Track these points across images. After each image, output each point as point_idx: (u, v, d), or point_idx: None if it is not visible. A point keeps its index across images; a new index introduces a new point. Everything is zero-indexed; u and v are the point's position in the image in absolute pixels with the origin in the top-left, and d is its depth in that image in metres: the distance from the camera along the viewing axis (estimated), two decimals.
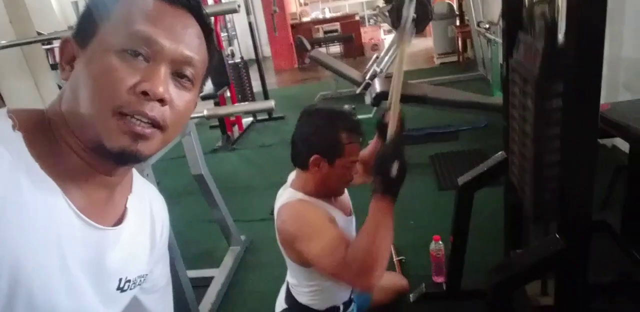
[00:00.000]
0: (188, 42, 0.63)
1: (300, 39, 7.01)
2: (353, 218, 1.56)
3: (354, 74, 5.70)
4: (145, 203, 0.78)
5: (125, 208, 0.72)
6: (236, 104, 4.57)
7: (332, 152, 1.37)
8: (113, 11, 0.60)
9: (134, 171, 0.76)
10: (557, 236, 1.14)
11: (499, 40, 4.16)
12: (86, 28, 0.61)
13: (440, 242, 2.06)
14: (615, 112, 1.62)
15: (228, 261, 2.51)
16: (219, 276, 2.37)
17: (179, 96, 0.63)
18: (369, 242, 1.14)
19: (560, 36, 1.12)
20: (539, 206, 1.24)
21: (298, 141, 1.43)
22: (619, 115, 1.58)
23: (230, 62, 5.33)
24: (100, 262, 0.66)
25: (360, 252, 1.14)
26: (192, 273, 2.22)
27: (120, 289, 0.71)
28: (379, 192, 1.15)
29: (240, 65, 5.41)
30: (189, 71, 0.63)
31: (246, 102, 5.12)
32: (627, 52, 2.91)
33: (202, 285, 2.28)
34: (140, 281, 0.76)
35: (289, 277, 1.60)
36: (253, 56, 5.82)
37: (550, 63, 1.13)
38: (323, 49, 9.58)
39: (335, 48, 10.58)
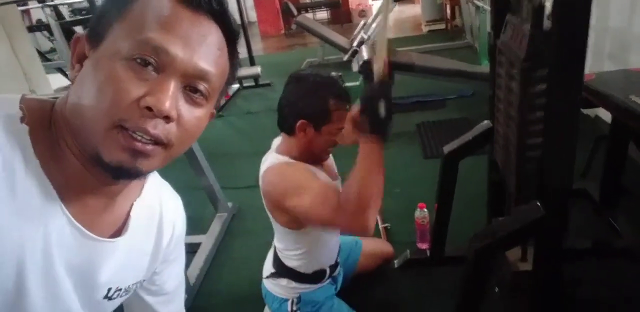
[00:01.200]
0: (205, 53, 0.56)
1: (286, 4, 6.86)
2: (339, 182, 1.58)
3: (341, 40, 5.62)
4: (155, 206, 0.74)
5: (128, 217, 0.68)
6: None
7: (319, 118, 1.38)
8: (128, 12, 0.55)
9: None
10: (538, 203, 1.17)
11: (487, 7, 4.11)
12: (99, 27, 0.56)
13: (425, 210, 2.11)
14: (599, 82, 1.63)
15: (215, 228, 2.54)
16: (206, 242, 2.40)
17: (189, 112, 0.57)
18: (361, 183, 1.13)
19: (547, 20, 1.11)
20: (521, 176, 1.27)
21: (285, 106, 1.43)
22: (603, 86, 1.59)
23: None
24: (90, 272, 0.64)
25: (353, 193, 1.14)
26: None
27: (108, 297, 0.69)
28: (367, 132, 1.13)
29: None
30: (202, 86, 0.57)
31: None
32: (614, 22, 2.90)
33: (189, 251, 2.30)
34: (135, 287, 0.74)
35: (277, 242, 1.63)
36: (238, 21, 5.68)
37: (537, 46, 1.12)
38: (310, 15, 9.40)
39: (322, 14, 10.39)
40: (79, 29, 5.74)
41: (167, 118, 0.54)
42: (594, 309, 1.62)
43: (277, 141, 1.54)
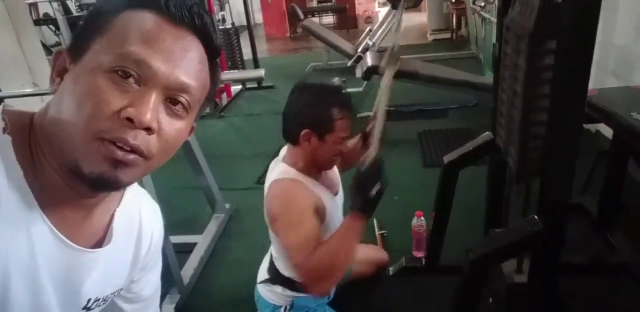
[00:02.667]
0: (186, 68, 0.57)
1: (293, 7, 6.87)
2: (340, 196, 1.59)
3: (346, 46, 5.64)
4: (134, 215, 0.74)
5: (109, 228, 0.68)
6: (225, 71, 4.50)
7: (322, 127, 1.38)
8: (110, 26, 0.55)
9: None
10: (536, 217, 1.17)
11: (494, 19, 4.13)
12: (80, 42, 0.56)
13: (422, 218, 2.11)
14: (601, 98, 1.64)
15: (212, 228, 2.53)
16: (202, 242, 2.40)
17: (169, 124, 0.57)
18: (331, 255, 1.22)
19: None
20: (522, 165, 1.26)
21: (289, 116, 1.44)
22: (605, 101, 1.60)
23: (221, 27, 5.22)
24: (72, 282, 0.64)
25: (322, 261, 1.22)
26: (175, 239, 2.24)
27: (87, 308, 0.69)
28: (355, 209, 1.22)
29: (231, 31, 5.31)
30: (183, 98, 0.57)
31: (236, 70, 5.06)
32: (618, 39, 2.92)
33: (185, 250, 2.30)
34: (113, 295, 0.74)
35: (273, 251, 1.62)
36: (244, 22, 5.71)
37: (546, 18, 1.11)
38: (316, 19, 9.43)
39: (329, 18, 10.42)
40: None
41: (148, 129, 0.54)
42: None
43: (285, 149, 1.55)
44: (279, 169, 1.45)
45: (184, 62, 0.56)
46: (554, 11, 1.08)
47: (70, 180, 0.57)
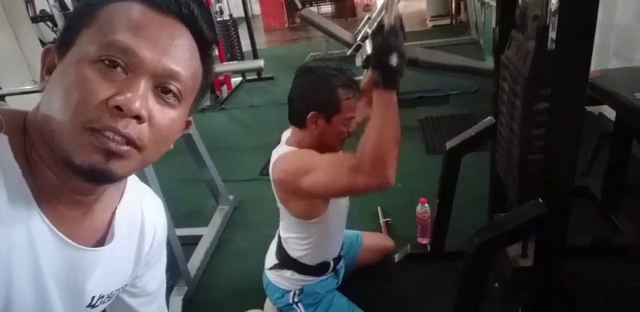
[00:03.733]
0: (174, 55, 0.56)
1: None
2: None
3: (345, 35, 5.60)
4: (136, 212, 0.73)
5: (111, 225, 0.68)
6: (225, 63, 4.48)
7: (329, 108, 1.38)
8: (95, 18, 0.55)
9: None
10: (540, 200, 1.17)
11: (493, 3, 4.09)
12: (67, 37, 0.56)
13: (427, 205, 2.11)
14: (604, 79, 1.62)
15: (216, 220, 2.54)
16: (207, 234, 2.41)
17: (161, 113, 0.56)
18: (377, 134, 1.12)
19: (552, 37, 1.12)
20: (525, 166, 1.27)
21: (295, 99, 1.44)
22: (607, 83, 1.58)
23: (218, 19, 5.19)
24: (75, 281, 0.63)
25: (370, 147, 1.13)
26: (181, 231, 2.25)
27: (92, 305, 0.68)
28: (380, 84, 1.12)
29: (229, 23, 5.28)
30: (174, 86, 0.56)
31: (235, 61, 5.03)
32: (620, 19, 2.88)
33: (190, 243, 2.31)
34: (118, 292, 0.74)
35: (283, 232, 1.63)
36: (242, 14, 5.67)
37: (541, 66, 1.13)
38: (314, 9, 9.36)
39: (327, 8, 10.35)
40: None
41: (137, 118, 0.53)
42: (593, 305, 1.62)
43: (286, 134, 1.54)
44: (282, 150, 1.45)
45: (172, 49, 0.56)
46: (548, 58, 1.09)
47: (65, 176, 0.56)
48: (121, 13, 0.54)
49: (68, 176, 0.56)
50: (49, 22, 6.58)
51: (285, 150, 1.43)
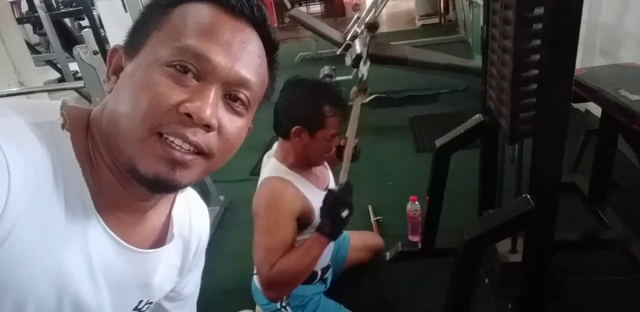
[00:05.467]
0: (246, 61, 0.54)
1: None
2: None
3: (335, 34, 5.61)
4: (185, 217, 0.72)
5: (169, 228, 0.67)
6: None
7: (313, 124, 1.39)
8: (166, 20, 0.53)
9: None
10: (528, 196, 1.18)
11: (481, 2, 4.11)
12: (137, 37, 0.55)
13: (417, 203, 2.12)
14: (589, 76, 1.64)
15: None
16: None
17: (230, 122, 0.55)
18: (291, 268, 1.30)
19: None
20: (515, 124, 1.29)
21: (281, 111, 1.44)
22: (593, 80, 1.60)
23: None
24: (129, 283, 0.63)
25: (282, 273, 1.30)
26: None
27: (138, 309, 0.68)
28: (323, 231, 1.29)
29: None
30: (243, 94, 0.55)
31: None
32: (605, 17, 2.92)
33: None
34: (161, 299, 0.74)
35: None
36: None
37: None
38: (303, 8, 9.36)
39: (316, 7, 10.35)
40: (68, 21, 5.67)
41: (207, 127, 0.51)
42: (582, 299, 1.65)
43: (277, 144, 1.56)
44: (271, 166, 1.46)
45: (244, 56, 0.54)
46: None
47: (126, 181, 0.55)
48: (194, 15, 0.53)
49: (129, 182, 0.55)
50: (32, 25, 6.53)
51: (274, 168, 1.46)
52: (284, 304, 1.63)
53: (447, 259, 1.44)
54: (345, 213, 1.26)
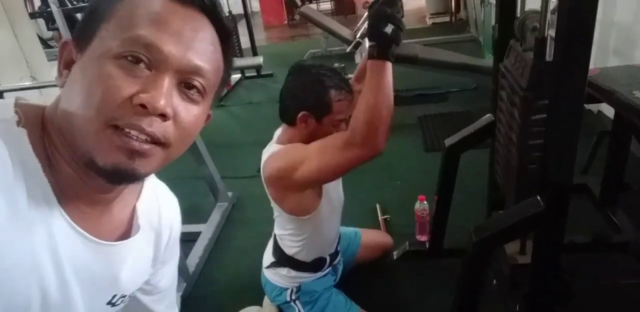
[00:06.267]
0: (198, 49, 0.54)
1: None
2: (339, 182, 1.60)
3: (345, 32, 5.60)
4: (153, 209, 0.72)
5: (132, 222, 0.67)
6: None
7: (320, 109, 1.38)
8: (115, 11, 0.53)
9: None
10: (538, 197, 1.17)
11: (492, 1, 4.08)
12: (86, 30, 0.54)
13: (425, 202, 2.11)
14: (603, 77, 1.62)
15: (215, 217, 2.54)
16: (206, 231, 2.41)
17: (185, 110, 0.55)
18: (370, 106, 1.10)
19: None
20: (523, 176, 1.29)
21: (286, 97, 1.43)
22: (606, 81, 1.58)
23: None
24: (98, 278, 0.62)
25: (363, 117, 1.11)
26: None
27: (112, 303, 0.68)
28: (374, 54, 1.09)
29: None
30: (198, 82, 0.55)
31: (234, 58, 5.02)
32: (619, 17, 2.88)
33: (189, 240, 2.32)
34: (135, 292, 0.74)
35: (278, 229, 1.63)
36: (242, 11, 5.65)
37: (539, 77, 1.15)
38: (313, 6, 9.35)
39: (326, 5, 10.31)
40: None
41: (162, 116, 0.52)
42: (590, 300, 1.63)
43: (278, 132, 1.55)
44: (271, 150, 1.45)
45: (196, 44, 0.54)
46: (546, 69, 1.09)
47: (85, 175, 0.55)
48: (143, 5, 0.53)
49: (88, 175, 0.55)
50: (43, 19, 6.57)
51: (274, 149, 1.43)
52: (293, 297, 1.64)
53: (455, 260, 1.43)
54: (389, 28, 1.05)
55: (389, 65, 1.09)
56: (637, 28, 2.68)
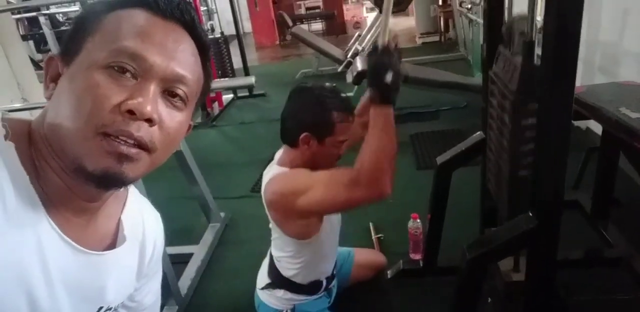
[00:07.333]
0: (181, 59, 0.58)
1: (282, 15, 6.90)
2: None
3: (336, 52, 5.67)
4: (138, 222, 0.74)
5: (117, 233, 0.68)
6: (216, 80, 4.50)
7: (322, 130, 1.38)
8: (100, 25, 0.56)
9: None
10: (530, 214, 1.17)
11: (480, 20, 4.16)
12: (72, 45, 0.57)
13: (418, 220, 2.11)
14: (590, 94, 1.65)
15: (208, 238, 2.52)
16: (198, 252, 2.39)
17: (170, 116, 0.58)
18: (375, 151, 1.16)
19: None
20: (515, 182, 1.28)
21: (288, 118, 1.43)
22: (593, 98, 1.61)
23: (210, 37, 5.23)
24: (85, 288, 0.63)
25: (369, 161, 1.15)
26: (171, 249, 2.23)
27: None
28: (376, 102, 1.16)
29: (220, 41, 5.32)
30: (181, 90, 0.58)
31: (226, 78, 5.06)
32: (604, 36, 2.95)
33: (181, 261, 2.29)
34: (121, 305, 0.74)
35: (276, 251, 1.61)
36: (233, 32, 5.72)
37: (528, 80, 1.16)
38: (305, 26, 9.47)
39: (317, 25, 10.47)
40: None
41: (149, 121, 0.54)
42: None
43: (279, 153, 1.54)
44: (273, 172, 1.44)
45: (178, 54, 0.58)
46: (534, 72, 1.12)
47: (74, 182, 0.57)
48: (127, 20, 0.56)
49: (76, 183, 0.57)
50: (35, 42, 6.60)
51: (277, 171, 1.43)
52: None
53: (449, 277, 1.43)
54: (389, 77, 1.13)
55: (391, 112, 1.16)
56: (622, 46, 2.74)
